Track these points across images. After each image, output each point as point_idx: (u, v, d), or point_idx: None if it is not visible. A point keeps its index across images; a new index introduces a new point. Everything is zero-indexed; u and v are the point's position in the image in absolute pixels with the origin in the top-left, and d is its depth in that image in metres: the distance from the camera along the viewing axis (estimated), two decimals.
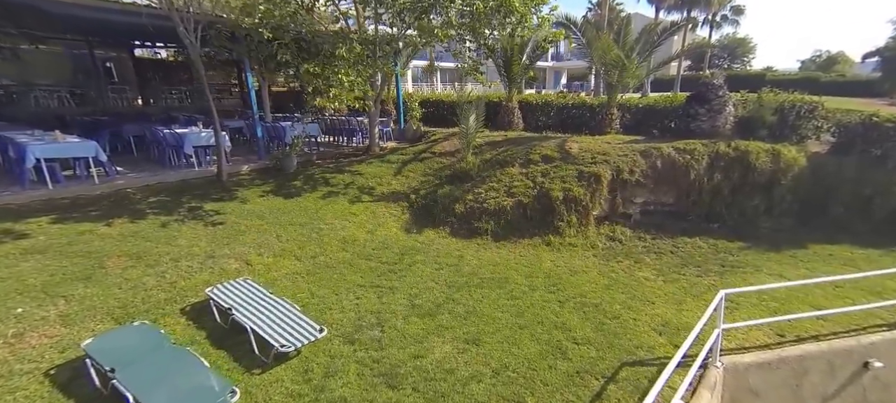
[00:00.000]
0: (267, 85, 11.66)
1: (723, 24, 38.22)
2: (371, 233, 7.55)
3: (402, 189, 9.22)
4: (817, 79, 43.49)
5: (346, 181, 9.24)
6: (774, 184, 8.07)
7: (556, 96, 12.14)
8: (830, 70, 53.52)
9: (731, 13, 36.96)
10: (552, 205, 8.02)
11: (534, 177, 8.60)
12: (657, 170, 8.44)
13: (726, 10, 36.26)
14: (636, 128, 10.61)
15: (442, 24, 8.84)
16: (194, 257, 5.69)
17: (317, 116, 12.21)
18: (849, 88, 39.24)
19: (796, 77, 45.99)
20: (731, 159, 8.26)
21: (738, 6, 36.67)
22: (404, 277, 6.15)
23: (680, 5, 32.67)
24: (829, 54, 59.25)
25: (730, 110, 8.78)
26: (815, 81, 43.09)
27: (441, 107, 14.53)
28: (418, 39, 10.39)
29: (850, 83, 40.31)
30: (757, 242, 7.84)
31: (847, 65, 57.33)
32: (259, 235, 6.63)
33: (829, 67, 54.74)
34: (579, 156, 8.85)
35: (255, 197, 7.85)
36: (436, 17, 8.79)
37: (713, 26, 38.64)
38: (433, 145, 11.25)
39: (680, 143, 8.70)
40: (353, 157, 10.86)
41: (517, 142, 10.27)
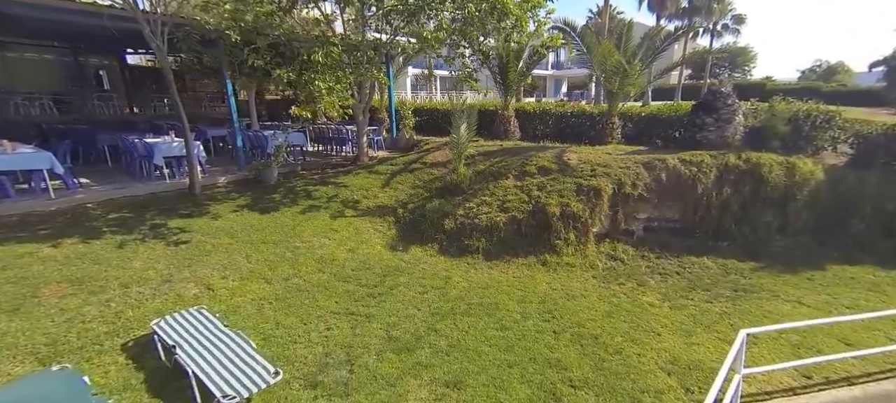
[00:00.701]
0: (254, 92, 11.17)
1: (724, 32, 37.89)
2: (352, 252, 6.96)
3: (389, 202, 8.65)
4: (818, 89, 43.07)
5: (330, 194, 8.68)
6: (789, 200, 7.49)
7: (555, 105, 11.61)
8: (831, 80, 53.21)
9: (732, 22, 36.63)
10: (548, 222, 7.43)
11: (529, 190, 8.03)
12: (661, 183, 7.87)
13: (727, 18, 35.95)
14: (638, 138, 10.06)
15: (434, 29, 8.33)
16: (148, 282, 5.11)
17: (304, 125, 11.70)
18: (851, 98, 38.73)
19: (797, 86, 45.58)
20: (741, 172, 7.69)
21: (740, 15, 36.36)
22: (384, 302, 5.56)
23: (681, 14, 32.36)
24: (828, 64, 59.02)
25: (739, 120, 8.23)
26: (816, 91, 42.74)
27: (435, 116, 14.02)
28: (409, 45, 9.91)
29: (851, 93, 39.91)
30: (771, 262, 7.25)
31: (847, 74, 57.06)
32: (226, 255, 6.05)
33: (830, 77, 54.40)
34: (578, 168, 8.29)
35: (227, 212, 7.28)
36: (426, 22, 8.29)
37: (714, 35, 38.32)
38: (425, 155, 10.71)
39: (686, 155, 8.14)
40: (341, 168, 10.31)
41: (513, 152, 9.72)
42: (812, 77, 58.31)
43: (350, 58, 8.05)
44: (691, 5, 32.24)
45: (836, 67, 55.64)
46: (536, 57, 10.13)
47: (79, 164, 9.24)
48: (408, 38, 9.43)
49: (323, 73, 6.48)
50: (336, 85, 6.73)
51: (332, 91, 6.68)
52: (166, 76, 6.55)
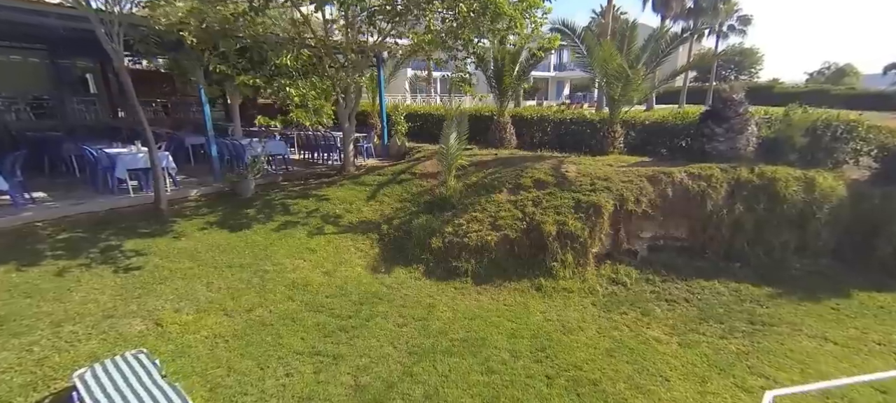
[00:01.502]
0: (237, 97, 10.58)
1: (729, 34, 37.13)
2: (328, 275, 6.36)
3: (373, 217, 8.05)
4: (827, 92, 42.23)
5: (310, 208, 8.08)
6: (807, 218, 6.83)
7: (553, 111, 10.98)
8: (840, 82, 52.22)
9: (738, 23, 35.92)
10: (544, 242, 6.81)
11: (523, 206, 7.40)
12: (667, 199, 7.22)
13: (733, 19, 35.21)
14: (642, 147, 9.41)
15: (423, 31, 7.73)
16: (86, 319, 4.52)
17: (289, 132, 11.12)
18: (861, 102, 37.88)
19: (805, 89, 44.78)
20: (754, 188, 7.03)
21: (746, 16, 35.64)
22: (357, 338, 4.95)
23: (686, 14, 31.64)
24: (837, 66, 58.00)
25: (752, 130, 7.58)
26: (825, 94, 41.86)
27: (429, 121, 13.43)
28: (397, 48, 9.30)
29: (862, 96, 38.99)
30: (789, 287, 6.58)
31: (856, 77, 56.00)
32: (184, 283, 5.45)
33: (839, 80, 53.45)
34: (577, 182, 7.66)
35: (194, 230, 6.69)
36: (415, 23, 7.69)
37: (720, 36, 37.57)
38: (415, 164, 10.10)
39: (694, 168, 7.49)
40: (325, 178, 9.72)
41: (508, 162, 9.10)
42: (820, 79, 57.35)
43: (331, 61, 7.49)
44: (697, 6, 31.53)
45: (845, 70, 54.75)
46: (533, 60, 9.51)
47: (44, 176, 8.71)
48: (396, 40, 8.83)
49: (295, 80, 5.90)
50: (310, 91, 6.15)
51: (306, 98, 6.10)
52: (123, 80, 5.98)
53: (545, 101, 36.42)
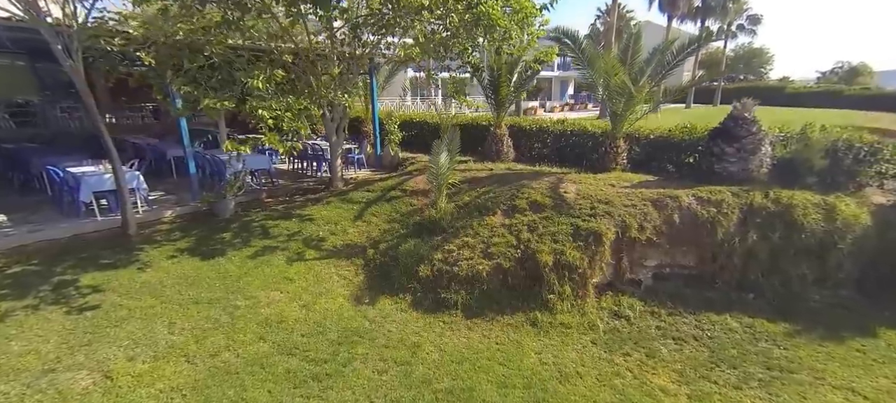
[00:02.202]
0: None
1: (739, 33, 36.29)
2: (306, 309, 5.89)
3: (359, 240, 7.57)
4: (840, 93, 41.20)
5: (292, 230, 7.61)
6: (828, 248, 6.26)
7: (553, 122, 10.44)
8: (853, 82, 51.00)
9: (747, 22, 35.07)
10: (540, 273, 6.29)
11: (518, 231, 6.88)
12: (674, 225, 6.68)
13: (743, 19, 34.37)
14: (647, 163, 8.86)
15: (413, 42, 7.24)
16: (22, 374, 4.07)
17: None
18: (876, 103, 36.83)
19: (817, 89, 43.75)
20: (769, 215, 6.47)
21: (755, 15, 34.79)
22: (330, 390, 4.48)
23: (694, 14, 30.88)
24: (850, 65, 56.64)
25: (766, 151, 7.00)
26: (838, 95, 40.86)
27: (424, 130, 12.94)
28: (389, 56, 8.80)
29: (877, 97, 37.94)
30: (808, 323, 6.02)
31: (870, 76, 54.64)
32: (143, 324, 5.00)
33: (852, 79, 52.20)
34: (576, 205, 7.12)
35: (162, 259, 6.24)
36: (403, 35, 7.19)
37: (728, 36, 36.73)
38: (407, 179, 9.61)
39: (703, 190, 6.93)
40: (311, 194, 9.25)
41: (503, 179, 8.58)
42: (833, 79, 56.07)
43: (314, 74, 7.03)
44: (704, 5, 30.78)
45: (859, 69, 53.43)
46: (530, 72, 8.96)
47: (14, 193, 8.30)
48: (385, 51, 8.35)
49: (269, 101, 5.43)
50: (285, 112, 5.67)
51: (280, 120, 5.62)
52: (82, 92, 5.52)
53: (548, 102, 35.80)
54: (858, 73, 54.38)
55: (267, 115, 5.43)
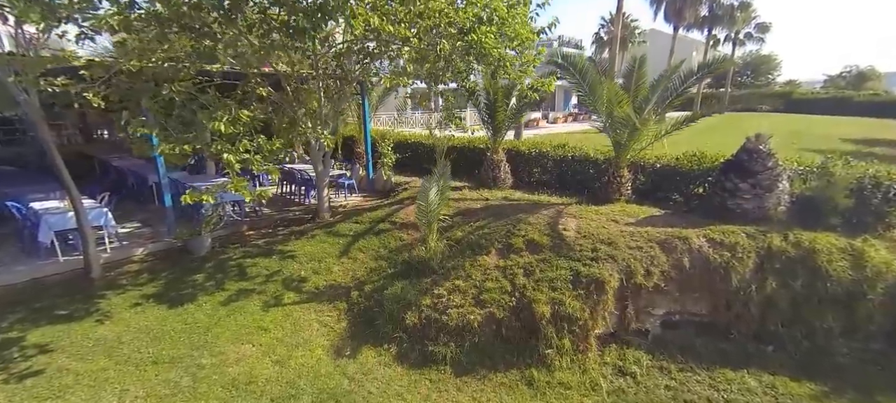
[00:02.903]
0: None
1: (746, 41, 35.59)
2: (281, 365, 5.38)
3: (344, 279, 7.06)
4: (849, 99, 40.27)
5: (271, 269, 7.12)
6: (857, 298, 5.65)
7: (554, 147, 9.89)
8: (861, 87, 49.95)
9: (755, 30, 34.36)
10: (536, 325, 5.75)
11: (513, 275, 6.34)
12: (684, 270, 6.10)
13: (751, 27, 33.68)
14: (653, 193, 8.30)
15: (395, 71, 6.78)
16: None
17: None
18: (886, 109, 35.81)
19: (825, 96, 42.83)
20: (789, 260, 5.88)
21: (764, 23, 34.09)
22: None
23: (700, 23, 30.27)
24: (858, 70, 55.49)
25: (784, 187, 6.41)
26: (847, 101, 39.93)
27: (418, 152, 12.45)
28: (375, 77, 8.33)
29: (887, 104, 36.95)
30: (836, 382, 5.42)
31: (879, 80, 53.50)
32: (90, 393, 4.50)
33: (860, 84, 51.14)
34: (576, 245, 6.57)
35: (125, 307, 5.75)
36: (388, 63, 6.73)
37: (736, 43, 36.05)
38: (398, 209, 9.10)
39: (715, 230, 6.36)
40: (296, 226, 8.76)
41: (499, 212, 8.04)
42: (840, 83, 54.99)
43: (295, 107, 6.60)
44: (712, 14, 30.15)
45: (867, 74, 52.30)
46: (526, 100, 8.44)
47: None
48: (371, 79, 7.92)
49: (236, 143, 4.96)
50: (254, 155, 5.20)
51: (248, 164, 5.14)
52: (36, 124, 5.08)
53: (552, 112, 35.23)
54: (866, 78, 53.22)
55: (233, 159, 4.95)
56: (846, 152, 17.27)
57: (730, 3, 30.00)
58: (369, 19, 5.09)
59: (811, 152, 17.24)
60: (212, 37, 5.30)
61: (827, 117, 36.12)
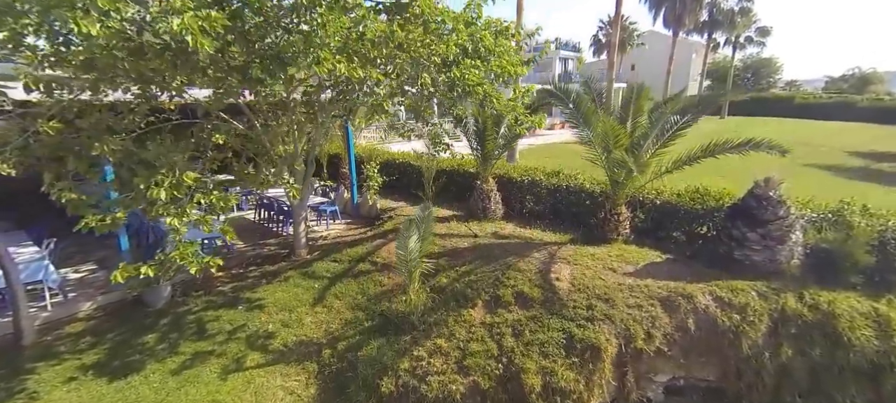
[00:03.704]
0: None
1: (747, 45, 34.99)
2: None
3: (316, 334, 6.44)
4: (853, 104, 39.65)
5: (236, 323, 6.49)
6: (884, 369, 5.05)
7: (546, 174, 9.28)
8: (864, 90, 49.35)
9: (756, 34, 33.75)
10: (525, 398, 5.14)
11: (501, 335, 5.74)
12: (688, 332, 5.50)
13: (751, 31, 33.07)
14: (653, 231, 7.70)
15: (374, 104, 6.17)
16: None
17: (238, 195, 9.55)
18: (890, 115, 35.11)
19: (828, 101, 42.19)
20: (806, 325, 5.28)
21: (764, 27, 33.50)
22: None
23: (700, 27, 29.64)
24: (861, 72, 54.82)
25: (797, 238, 5.81)
26: (851, 106, 39.30)
27: (408, 173, 11.82)
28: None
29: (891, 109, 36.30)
30: None
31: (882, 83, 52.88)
32: None
33: (863, 88, 50.51)
34: (569, 300, 5.97)
35: (57, 384, 5.10)
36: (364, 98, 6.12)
37: (737, 47, 35.45)
38: (381, 245, 8.49)
39: (722, 286, 5.75)
40: (269, 266, 8.13)
41: (488, 253, 7.44)
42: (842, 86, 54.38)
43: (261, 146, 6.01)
44: (712, 19, 29.52)
45: (870, 77, 51.64)
46: (514, 133, 7.81)
47: None
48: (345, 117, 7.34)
49: (183, 204, 4.33)
50: (203, 218, 4.58)
51: (201, 224, 4.50)
52: None
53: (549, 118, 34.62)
54: (869, 81, 52.55)
55: (177, 223, 4.34)
56: (853, 168, 16.85)
57: (730, 8, 29.39)
58: (336, 65, 4.49)
59: (816, 169, 16.75)
60: (159, 83, 4.69)
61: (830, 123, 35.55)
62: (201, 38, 3.43)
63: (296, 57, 4.31)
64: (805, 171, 15.80)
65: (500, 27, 7.15)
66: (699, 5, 25.12)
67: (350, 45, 4.87)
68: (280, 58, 4.24)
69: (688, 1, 24.54)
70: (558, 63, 39.66)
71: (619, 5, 22.27)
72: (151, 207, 4.25)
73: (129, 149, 4.48)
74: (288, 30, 4.74)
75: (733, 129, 28.55)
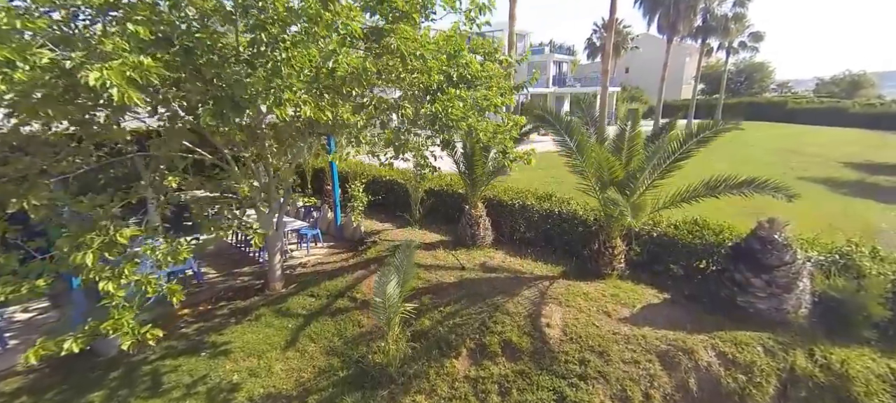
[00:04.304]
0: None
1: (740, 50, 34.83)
2: None
3: (286, 386, 5.90)
4: (845, 109, 39.76)
5: (197, 373, 5.93)
6: None
7: (538, 197, 8.81)
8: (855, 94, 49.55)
9: (750, 39, 33.58)
10: None
11: (486, 394, 5.27)
12: (690, 392, 5.06)
13: (744, 36, 32.88)
14: (649, 264, 7.27)
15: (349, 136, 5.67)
16: None
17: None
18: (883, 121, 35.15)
19: (820, 106, 42.29)
20: (819, 387, 4.86)
21: (757, 33, 33.34)
22: None
23: (694, 33, 29.36)
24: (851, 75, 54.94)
25: (805, 286, 5.39)
26: (843, 112, 39.40)
27: (395, 190, 11.31)
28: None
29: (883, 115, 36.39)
30: None
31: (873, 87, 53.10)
32: None
33: (854, 91, 50.71)
34: (561, 352, 5.51)
35: None
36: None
37: (730, 52, 35.31)
38: (362, 278, 7.97)
39: (725, 339, 5.32)
40: (241, 299, 7.58)
41: (475, 290, 6.96)
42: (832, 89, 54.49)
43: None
44: (705, 24, 29.24)
45: (861, 81, 51.80)
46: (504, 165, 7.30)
47: None
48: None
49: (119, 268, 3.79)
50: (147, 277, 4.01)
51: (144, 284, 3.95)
52: None
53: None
54: (860, 85, 52.72)
55: (113, 289, 3.81)
56: (849, 182, 16.64)
57: (724, 14, 29.13)
58: (299, 107, 3.97)
59: (811, 183, 16.51)
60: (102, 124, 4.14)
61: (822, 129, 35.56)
62: (130, 91, 2.90)
63: (254, 98, 3.79)
64: (800, 186, 15.52)
65: (488, 49, 6.68)
66: (693, 12, 24.81)
67: (320, 80, 4.34)
68: (235, 101, 3.71)
69: (682, 8, 24.21)
70: (553, 66, 39.26)
71: (613, 12, 21.86)
72: (80, 272, 3.70)
73: (54, 204, 3.92)
74: (250, 64, 4.21)
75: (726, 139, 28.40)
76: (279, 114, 3.93)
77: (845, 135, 32.31)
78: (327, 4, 3.93)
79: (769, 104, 43.57)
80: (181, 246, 4.38)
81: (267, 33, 3.94)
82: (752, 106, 43.94)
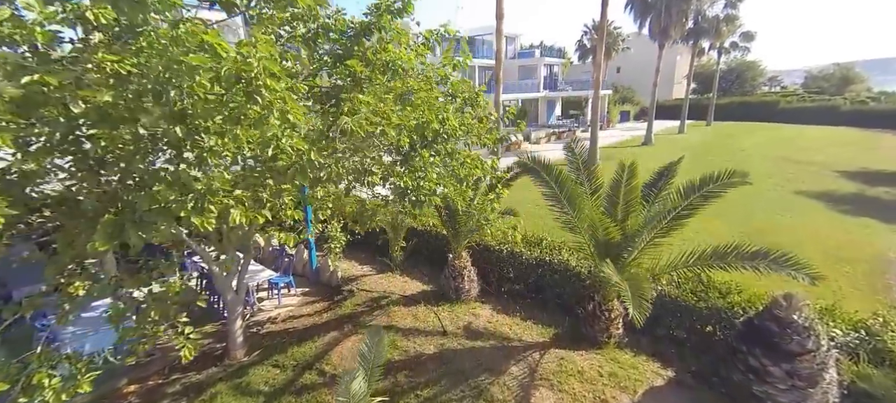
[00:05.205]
0: None
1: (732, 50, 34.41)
2: None
3: None
4: (837, 108, 39.52)
5: None
6: None
7: (527, 246, 8.11)
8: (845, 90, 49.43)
9: (741, 40, 33.16)
10: None
11: None
12: None
13: (736, 37, 32.43)
14: (650, 328, 6.56)
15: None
16: None
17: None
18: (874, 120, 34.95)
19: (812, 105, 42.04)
20: None
21: (749, 32, 32.92)
22: None
23: (686, 36, 28.80)
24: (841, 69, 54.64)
25: (831, 377, 4.74)
26: (835, 110, 39.17)
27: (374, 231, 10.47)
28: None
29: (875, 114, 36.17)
30: None
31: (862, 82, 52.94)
32: None
33: (844, 87, 50.55)
34: None
35: None
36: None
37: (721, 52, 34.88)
38: (335, 343, 7.21)
39: None
40: (195, 371, 6.77)
41: (456, 363, 6.25)
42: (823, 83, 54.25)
43: None
44: (697, 27, 28.71)
45: (851, 76, 51.59)
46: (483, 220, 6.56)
47: None
48: None
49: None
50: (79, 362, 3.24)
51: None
52: None
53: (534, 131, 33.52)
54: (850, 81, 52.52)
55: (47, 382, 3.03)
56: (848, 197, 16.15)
57: (715, 16, 28.63)
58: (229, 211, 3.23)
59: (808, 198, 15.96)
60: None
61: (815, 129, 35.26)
62: None
63: (166, 210, 3.01)
64: (796, 202, 15.00)
65: (469, 93, 5.92)
66: (685, 16, 24.21)
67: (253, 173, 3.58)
68: (140, 218, 2.95)
69: (673, 12, 23.59)
70: (543, 69, 38.54)
71: (603, 17, 21.17)
72: None
73: None
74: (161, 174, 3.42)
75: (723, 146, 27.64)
76: (201, 224, 3.16)
77: (839, 135, 32.04)
78: (253, 97, 3.14)
79: (761, 104, 43.29)
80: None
81: (184, 126, 3.16)
82: (743, 106, 43.64)
